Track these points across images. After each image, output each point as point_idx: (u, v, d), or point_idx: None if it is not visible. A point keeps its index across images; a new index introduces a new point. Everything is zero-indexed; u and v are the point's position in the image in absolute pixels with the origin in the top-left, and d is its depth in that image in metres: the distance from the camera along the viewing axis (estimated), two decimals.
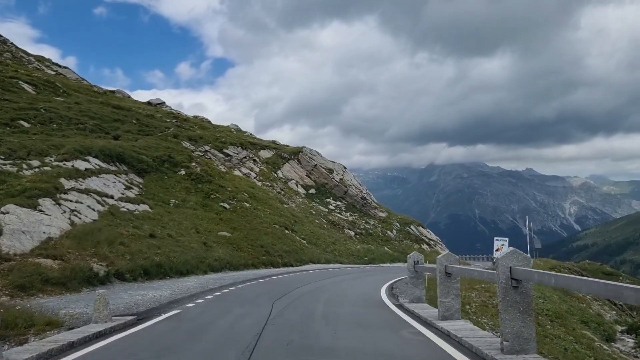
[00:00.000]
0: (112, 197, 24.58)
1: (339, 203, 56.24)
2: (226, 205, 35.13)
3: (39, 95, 41.77)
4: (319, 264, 33.70)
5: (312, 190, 55.88)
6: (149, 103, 64.48)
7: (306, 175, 58.20)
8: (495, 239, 40.73)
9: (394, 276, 20.97)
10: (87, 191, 22.79)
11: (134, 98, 67.05)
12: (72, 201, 20.60)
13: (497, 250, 39.27)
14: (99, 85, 64.54)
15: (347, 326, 8.33)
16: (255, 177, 49.03)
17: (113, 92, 63.91)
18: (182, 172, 36.86)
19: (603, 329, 18.01)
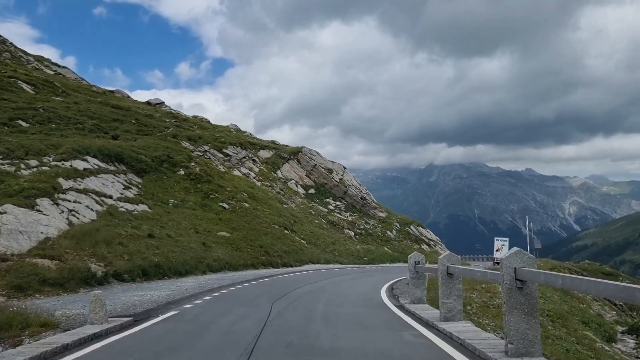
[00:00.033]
0: (110, 197, 24.46)
1: (338, 203, 56.11)
2: (225, 205, 35.00)
3: (38, 94, 41.64)
4: (319, 264, 33.57)
5: (311, 191, 55.77)
6: (148, 103, 64.32)
7: (306, 175, 58.08)
8: (496, 239, 40.66)
9: (394, 276, 20.86)
10: (85, 191, 22.66)
11: (133, 98, 66.93)
12: (70, 201, 20.48)
13: (497, 251, 39.21)
14: (98, 85, 64.42)
15: (348, 327, 8.22)
16: (254, 177, 48.90)
17: (112, 92, 63.76)
18: (181, 172, 36.73)
19: (604, 330, 17.96)
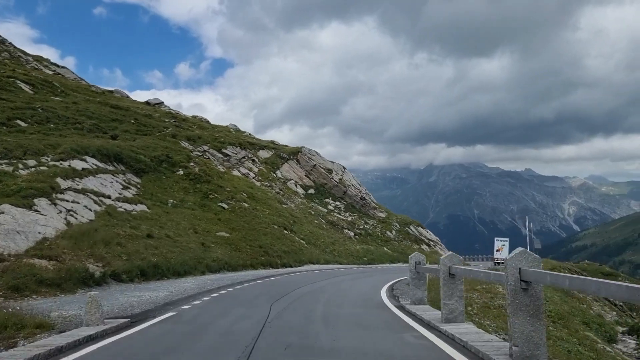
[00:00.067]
0: (109, 197, 24.34)
1: (338, 203, 55.99)
2: (225, 205, 34.87)
3: (37, 94, 41.51)
4: (318, 265, 33.45)
5: (311, 191, 55.64)
6: (147, 103, 64.17)
7: (305, 176, 57.95)
8: (496, 239, 40.53)
9: (394, 277, 20.75)
10: (83, 191, 22.53)
11: (133, 98, 66.78)
12: (68, 201, 20.36)
13: (497, 251, 39.10)
14: (98, 85, 64.30)
15: (348, 328, 8.10)
16: (254, 177, 48.78)
17: (111, 91, 63.62)
18: (181, 172, 36.61)
19: (604, 330, 17.87)
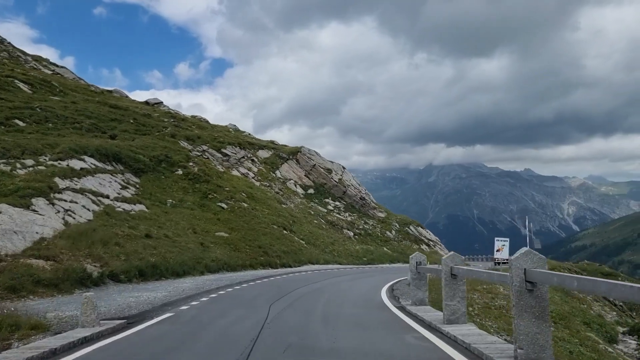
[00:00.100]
0: (107, 196, 24.21)
1: (337, 203, 55.86)
2: (224, 205, 34.74)
3: (35, 94, 41.36)
4: (318, 265, 33.33)
5: (310, 191, 55.51)
6: (146, 103, 63.99)
7: (305, 176, 57.82)
8: (496, 239, 40.36)
9: (394, 277, 20.62)
10: (82, 191, 22.40)
11: (132, 98, 66.62)
12: (66, 201, 20.23)
13: (497, 251, 38.96)
14: (97, 85, 64.14)
15: (348, 329, 7.98)
16: (253, 177, 48.65)
17: (110, 91, 63.46)
18: (180, 171, 36.47)
19: (605, 331, 17.80)
